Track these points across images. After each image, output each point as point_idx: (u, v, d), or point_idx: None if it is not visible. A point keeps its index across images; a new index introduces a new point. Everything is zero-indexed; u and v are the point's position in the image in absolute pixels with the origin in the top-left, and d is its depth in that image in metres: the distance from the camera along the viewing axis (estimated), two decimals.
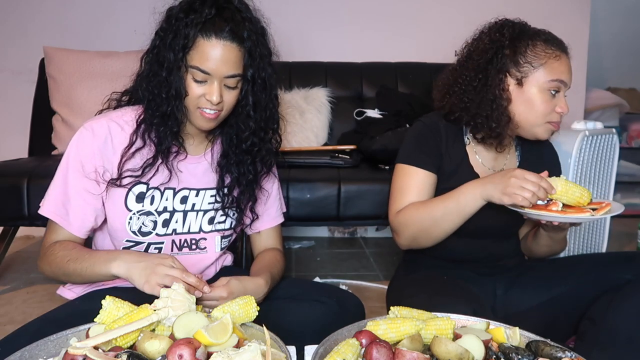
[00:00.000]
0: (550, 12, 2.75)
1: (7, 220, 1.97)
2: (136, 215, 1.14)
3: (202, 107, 1.08)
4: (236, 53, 1.06)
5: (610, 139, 1.90)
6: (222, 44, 1.04)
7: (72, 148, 1.11)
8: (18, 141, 2.49)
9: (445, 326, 0.85)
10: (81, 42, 2.57)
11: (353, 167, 2.12)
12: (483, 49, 1.25)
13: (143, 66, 1.12)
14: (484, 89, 1.24)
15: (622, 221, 2.91)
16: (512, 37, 1.23)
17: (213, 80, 1.06)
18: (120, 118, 1.13)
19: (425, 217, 1.21)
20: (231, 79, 1.07)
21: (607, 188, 1.98)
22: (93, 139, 1.10)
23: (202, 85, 1.06)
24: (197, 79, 1.06)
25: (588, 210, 1.12)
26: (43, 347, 0.80)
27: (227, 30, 1.04)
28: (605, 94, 3.54)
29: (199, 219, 1.21)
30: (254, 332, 0.88)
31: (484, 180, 1.16)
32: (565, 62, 1.23)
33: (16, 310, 1.88)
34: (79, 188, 1.10)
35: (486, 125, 1.24)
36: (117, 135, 1.12)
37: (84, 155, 1.10)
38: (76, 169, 1.10)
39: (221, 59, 1.04)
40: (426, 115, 1.38)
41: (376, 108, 2.46)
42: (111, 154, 1.11)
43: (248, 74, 1.10)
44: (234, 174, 1.20)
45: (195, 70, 1.05)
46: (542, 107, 1.22)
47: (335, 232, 2.99)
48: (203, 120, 1.10)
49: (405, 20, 2.85)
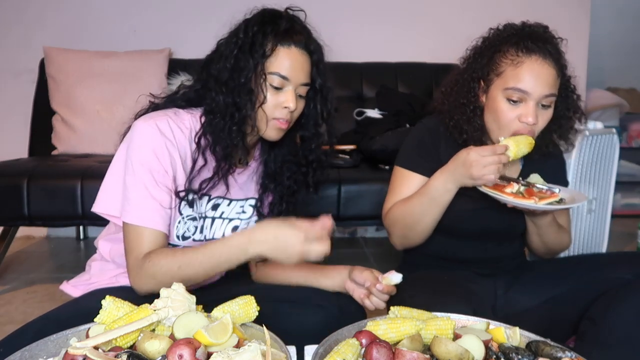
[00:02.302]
0: (550, 12, 2.74)
1: (7, 220, 1.98)
2: (184, 220, 1.12)
3: (278, 116, 1.10)
4: (309, 62, 1.12)
5: (610, 139, 1.90)
6: (300, 52, 1.10)
7: (144, 147, 1.05)
8: (18, 141, 2.49)
9: (445, 326, 0.85)
10: (81, 42, 2.57)
11: (353, 167, 2.12)
12: (467, 55, 1.28)
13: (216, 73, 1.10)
14: (459, 93, 1.26)
15: (622, 221, 2.91)
16: (492, 42, 1.23)
17: (289, 87, 1.10)
18: (181, 122, 1.10)
19: (406, 214, 1.24)
20: (304, 88, 1.12)
21: (607, 188, 1.98)
22: (161, 136, 1.05)
23: (279, 93, 1.09)
24: (274, 85, 1.09)
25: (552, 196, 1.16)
26: (43, 347, 0.80)
27: (303, 40, 1.11)
28: (605, 94, 3.54)
29: (223, 227, 1.21)
30: (254, 332, 0.88)
31: (449, 168, 1.18)
32: (531, 69, 1.15)
33: (16, 310, 1.88)
34: (158, 185, 1.05)
35: (457, 129, 1.26)
36: (179, 138, 1.08)
37: (158, 151, 1.05)
38: (151, 167, 1.04)
39: (299, 65, 1.10)
40: (429, 117, 1.38)
41: (376, 108, 2.46)
42: (176, 155, 1.07)
43: (317, 84, 1.15)
44: (277, 195, 1.24)
45: (274, 77, 1.08)
46: (502, 116, 1.19)
47: (335, 232, 2.98)
48: (276, 130, 1.12)
49: (406, 20, 2.85)
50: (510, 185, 1.18)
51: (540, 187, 1.20)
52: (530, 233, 1.33)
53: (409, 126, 2.18)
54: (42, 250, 2.68)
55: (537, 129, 1.20)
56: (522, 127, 1.17)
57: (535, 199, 1.14)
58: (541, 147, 1.28)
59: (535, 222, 1.28)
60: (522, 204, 1.14)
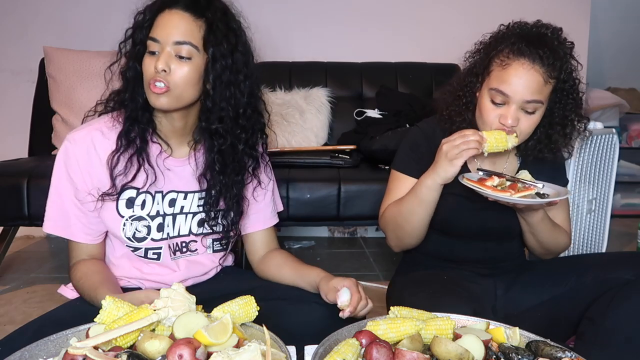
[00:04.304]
0: (550, 13, 2.73)
1: (7, 220, 1.98)
2: (129, 221, 1.13)
3: (150, 80, 1.04)
4: (189, 21, 1.05)
5: (610, 139, 1.90)
6: (174, 12, 1.05)
7: (58, 163, 1.11)
8: (18, 141, 2.49)
9: (445, 326, 0.85)
10: (81, 42, 2.57)
11: (353, 167, 2.12)
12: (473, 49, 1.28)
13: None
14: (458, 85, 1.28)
15: (622, 221, 2.91)
16: (496, 39, 1.23)
17: (164, 49, 1.04)
18: (103, 125, 1.12)
19: (397, 213, 1.26)
20: (182, 47, 1.04)
21: (607, 188, 1.98)
22: (75, 149, 1.09)
23: (154, 57, 1.05)
24: (150, 50, 1.06)
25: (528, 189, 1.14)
26: (43, 347, 0.80)
27: (181, 2, 1.05)
28: (605, 94, 3.53)
29: (188, 222, 1.19)
30: (254, 332, 0.88)
31: (432, 166, 1.19)
32: (515, 72, 1.14)
33: (16, 310, 1.88)
34: (73, 199, 1.11)
35: (450, 119, 1.28)
36: (100, 143, 1.10)
37: (70, 167, 1.09)
38: (66, 181, 1.10)
39: (171, 24, 1.04)
40: (425, 120, 1.39)
41: (376, 108, 2.46)
42: (97, 162, 1.10)
43: (209, 51, 1.07)
44: (217, 186, 1.17)
45: (148, 42, 1.06)
46: (484, 114, 1.20)
47: (335, 232, 2.99)
48: (153, 96, 1.05)
49: (406, 20, 2.85)
50: (491, 179, 1.18)
51: (525, 182, 1.19)
52: (525, 232, 1.33)
53: (409, 126, 2.18)
54: (42, 250, 2.68)
55: (521, 133, 1.19)
56: (501, 128, 1.18)
57: (512, 191, 1.13)
58: (536, 152, 1.27)
59: (526, 219, 1.27)
60: (497, 196, 1.13)
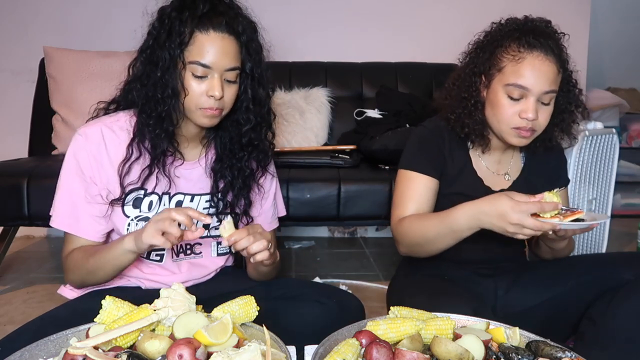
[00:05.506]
0: (550, 12, 2.74)
1: (7, 220, 1.98)
2: (134, 221, 1.13)
3: (205, 106, 1.06)
4: (234, 46, 1.07)
5: (610, 139, 1.90)
6: (221, 37, 1.04)
7: (69, 156, 1.10)
8: (18, 141, 2.49)
9: (445, 326, 0.85)
10: (81, 42, 2.57)
11: (353, 167, 2.12)
12: (469, 49, 1.28)
13: (135, 69, 1.11)
14: (461, 87, 1.26)
15: (622, 221, 2.91)
16: (494, 37, 1.23)
17: (213, 75, 1.05)
18: (114, 123, 1.12)
19: (420, 234, 1.20)
20: (231, 72, 1.07)
21: (607, 188, 1.98)
22: (87, 144, 1.09)
23: (203, 82, 1.05)
24: (196, 75, 1.05)
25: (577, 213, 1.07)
26: (43, 347, 0.80)
27: (224, 23, 1.05)
28: (605, 94, 3.53)
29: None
30: (254, 332, 0.88)
31: (481, 209, 1.09)
32: (532, 65, 1.14)
33: (16, 310, 1.88)
34: (84, 194, 1.10)
35: (459, 122, 1.26)
36: (111, 142, 1.10)
37: (82, 161, 1.09)
38: (77, 175, 1.09)
39: (221, 51, 1.04)
40: (430, 119, 1.38)
41: (376, 108, 2.46)
42: (106, 161, 1.10)
43: (247, 68, 1.10)
44: (228, 177, 1.18)
45: (194, 66, 1.04)
46: (502, 112, 1.18)
47: (335, 232, 2.99)
48: (207, 118, 1.08)
49: (405, 20, 2.85)
50: None
51: (566, 208, 1.12)
52: (543, 252, 1.34)
53: (409, 126, 2.18)
54: (42, 250, 2.68)
55: (539, 126, 1.20)
56: (522, 123, 1.17)
57: (560, 217, 1.06)
58: (544, 141, 1.28)
59: (552, 246, 1.27)
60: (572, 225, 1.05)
